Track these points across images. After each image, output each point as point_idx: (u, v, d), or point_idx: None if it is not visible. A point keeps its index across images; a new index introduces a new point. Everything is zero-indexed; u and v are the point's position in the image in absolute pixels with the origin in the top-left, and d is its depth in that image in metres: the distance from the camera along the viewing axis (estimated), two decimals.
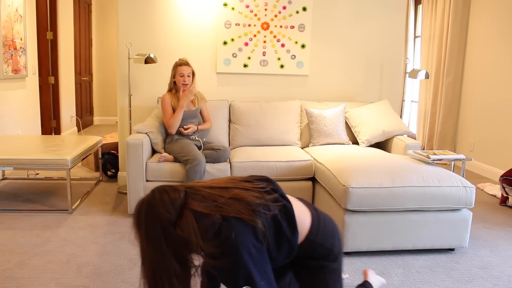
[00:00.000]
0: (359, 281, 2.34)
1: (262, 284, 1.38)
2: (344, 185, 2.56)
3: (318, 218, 1.66)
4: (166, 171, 3.14)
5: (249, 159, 3.25)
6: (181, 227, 1.34)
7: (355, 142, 3.80)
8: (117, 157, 4.18)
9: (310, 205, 1.71)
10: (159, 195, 1.40)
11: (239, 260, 1.35)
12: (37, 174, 4.32)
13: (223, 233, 1.34)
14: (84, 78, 7.34)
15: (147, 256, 1.38)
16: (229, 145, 3.74)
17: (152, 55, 3.57)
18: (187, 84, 3.30)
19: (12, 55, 4.41)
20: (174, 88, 3.36)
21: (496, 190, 4.09)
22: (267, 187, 1.60)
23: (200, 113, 3.49)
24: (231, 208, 1.40)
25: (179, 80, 3.29)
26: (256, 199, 1.47)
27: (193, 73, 3.36)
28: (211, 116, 3.61)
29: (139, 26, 3.84)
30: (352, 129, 3.80)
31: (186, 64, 3.31)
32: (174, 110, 3.31)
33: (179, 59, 3.34)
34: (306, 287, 1.68)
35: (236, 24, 3.91)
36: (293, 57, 4.03)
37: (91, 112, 7.93)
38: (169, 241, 1.36)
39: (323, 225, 1.66)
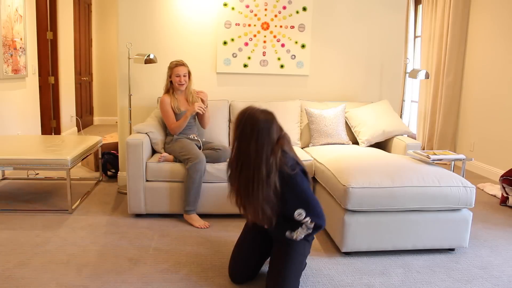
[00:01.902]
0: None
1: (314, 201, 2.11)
2: (344, 185, 2.56)
3: None
4: (166, 171, 3.14)
5: None
6: (274, 152, 1.99)
7: (355, 142, 3.80)
8: (117, 157, 4.18)
9: None
10: (274, 123, 2.02)
11: (304, 185, 2.09)
12: (37, 174, 4.32)
13: (295, 167, 2.06)
14: (84, 78, 7.34)
15: (250, 156, 1.96)
16: (229, 145, 3.74)
17: (152, 55, 3.57)
18: (184, 84, 3.32)
19: (12, 55, 4.41)
20: (171, 88, 3.36)
21: (496, 190, 4.09)
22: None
23: (197, 114, 3.48)
24: (298, 159, 2.14)
25: (176, 80, 3.30)
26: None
27: (189, 73, 3.37)
28: (212, 116, 3.60)
29: (139, 26, 3.84)
30: (352, 129, 3.80)
31: (182, 64, 3.32)
32: (174, 112, 3.31)
33: (174, 61, 3.34)
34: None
35: (236, 24, 3.91)
36: (293, 57, 4.03)
37: (91, 112, 7.93)
38: (266, 154, 1.96)
39: None
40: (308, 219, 2.05)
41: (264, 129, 1.97)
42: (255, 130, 1.96)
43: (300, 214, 2.05)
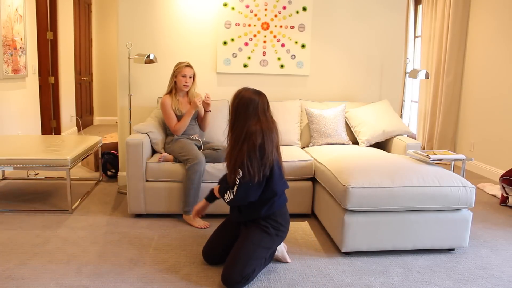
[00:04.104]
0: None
1: None
2: (344, 185, 2.56)
3: None
4: (166, 171, 3.14)
5: None
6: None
7: (355, 142, 3.80)
8: (117, 157, 4.18)
9: None
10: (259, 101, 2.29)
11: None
12: (37, 174, 4.32)
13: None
14: (84, 78, 7.34)
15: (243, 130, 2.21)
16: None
17: (152, 55, 3.57)
18: (188, 85, 3.32)
19: (12, 55, 4.41)
20: (174, 87, 3.36)
21: (496, 190, 4.09)
22: None
23: (198, 114, 3.49)
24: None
25: (181, 80, 3.29)
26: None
27: (194, 76, 3.37)
28: (212, 116, 3.60)
29: (139, 26, 3.84)
30: (352, 129, 3.80)
31: (190, 66, 3.33)
32: (175, 113, 3.31)
33: (183, 61, 3.35)
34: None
35: (236, 24, 3.91)
36: (293, 57, 4.03)
37: (91, 112, 7.93)
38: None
39: None
40: (237, 182, 2.20)
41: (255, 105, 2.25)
42: (246, 105, 2.24)
43: (239, 173, 2.20)
